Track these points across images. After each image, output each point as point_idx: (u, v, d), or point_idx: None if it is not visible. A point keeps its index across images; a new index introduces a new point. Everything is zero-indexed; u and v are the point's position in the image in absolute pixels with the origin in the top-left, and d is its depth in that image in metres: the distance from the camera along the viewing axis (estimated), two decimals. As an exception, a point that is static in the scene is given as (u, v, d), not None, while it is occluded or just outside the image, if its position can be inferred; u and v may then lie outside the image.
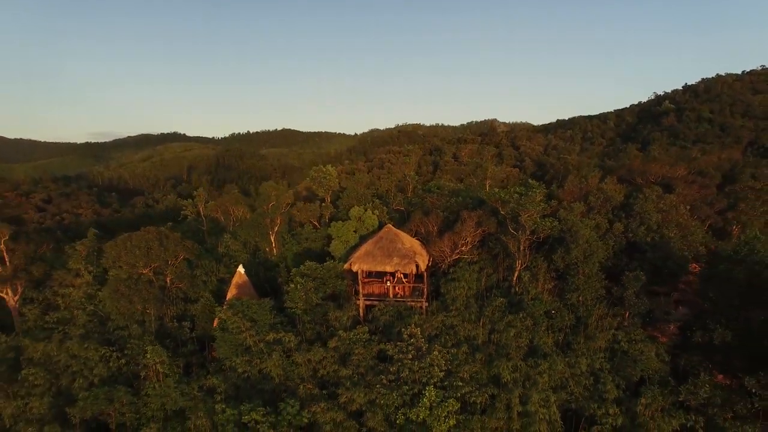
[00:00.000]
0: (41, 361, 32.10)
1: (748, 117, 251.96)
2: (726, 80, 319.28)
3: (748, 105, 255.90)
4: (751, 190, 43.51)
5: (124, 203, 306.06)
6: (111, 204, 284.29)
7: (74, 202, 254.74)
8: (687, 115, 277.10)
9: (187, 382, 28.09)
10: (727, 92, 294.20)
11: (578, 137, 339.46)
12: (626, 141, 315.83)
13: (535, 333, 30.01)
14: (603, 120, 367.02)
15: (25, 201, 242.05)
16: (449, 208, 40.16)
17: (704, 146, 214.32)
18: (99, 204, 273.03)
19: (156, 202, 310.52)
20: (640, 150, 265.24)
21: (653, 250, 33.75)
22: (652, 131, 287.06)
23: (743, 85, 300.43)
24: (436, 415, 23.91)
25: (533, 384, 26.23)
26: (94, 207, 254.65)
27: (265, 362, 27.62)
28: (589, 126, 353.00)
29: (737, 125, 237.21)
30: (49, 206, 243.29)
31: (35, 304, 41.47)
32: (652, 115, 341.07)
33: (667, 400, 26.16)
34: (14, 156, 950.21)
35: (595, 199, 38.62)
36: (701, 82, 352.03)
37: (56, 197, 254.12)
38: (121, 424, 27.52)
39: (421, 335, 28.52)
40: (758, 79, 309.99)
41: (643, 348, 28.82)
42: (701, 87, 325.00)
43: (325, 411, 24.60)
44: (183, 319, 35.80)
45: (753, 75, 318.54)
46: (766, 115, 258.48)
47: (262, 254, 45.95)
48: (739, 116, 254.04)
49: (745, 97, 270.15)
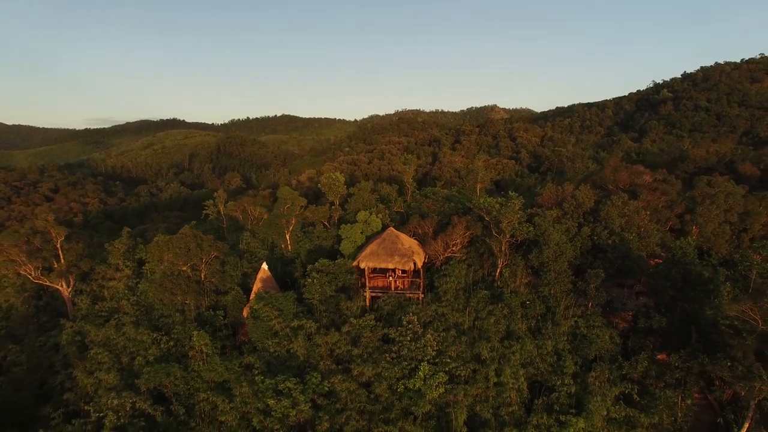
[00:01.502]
0: (103, 343, 38.70)
1: (744, 106, 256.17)
2: (724, 69, 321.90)
3: (745, 94, 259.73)
4: (707, 195, 49.57)
5: (129, 191, 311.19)
6: (116, 193, 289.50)
7: (81, 192, 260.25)
8: (684, 104, 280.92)
9: (229, 359, 34.65)
10: (725, 81, 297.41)
11: (576, 125, 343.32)
12: (624, 129, 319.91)
13: (511, 320, 36.48)
14: (601, 108, 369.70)
15: (33, 191, 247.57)
16: (443, 212, 46.35)
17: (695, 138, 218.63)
18: (105, 193, 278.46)
19: (159, 190, 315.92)
20: (637, 139, 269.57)
21: (613, 251, 40.07)
22: (649, 120, 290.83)
23: (741, 73, 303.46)
24: (429, 385, 30.53)
25: (507, 361, 32.81)
26: (100, 196, 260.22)
27: (291, 344, 34.18)
28: (588, 114, 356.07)
29: (733, 114, 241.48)
30: (57, 196, 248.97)
31: (85, 294, 47.89)
32: (650, 103, 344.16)
33: (613, 373, 32.83)
34: (13, 141, 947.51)
35: (568, 205, 44.72)
36: (700, 71, 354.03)
37: (63, 187, 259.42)
38: (176, 393, 34.17)
39: (418, 322, 35.01)
40: (756, 67, 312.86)
41: (599, 332, 35.32)
42: (699, 75, 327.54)
43: (341, 381, 31.23)
44: (216, 308, 42.21)
45: (752, 64, 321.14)
46: (762, 104, 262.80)
47: (279, 251, 52.12)
48: (736, 105, 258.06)
49: (742, 85, 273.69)
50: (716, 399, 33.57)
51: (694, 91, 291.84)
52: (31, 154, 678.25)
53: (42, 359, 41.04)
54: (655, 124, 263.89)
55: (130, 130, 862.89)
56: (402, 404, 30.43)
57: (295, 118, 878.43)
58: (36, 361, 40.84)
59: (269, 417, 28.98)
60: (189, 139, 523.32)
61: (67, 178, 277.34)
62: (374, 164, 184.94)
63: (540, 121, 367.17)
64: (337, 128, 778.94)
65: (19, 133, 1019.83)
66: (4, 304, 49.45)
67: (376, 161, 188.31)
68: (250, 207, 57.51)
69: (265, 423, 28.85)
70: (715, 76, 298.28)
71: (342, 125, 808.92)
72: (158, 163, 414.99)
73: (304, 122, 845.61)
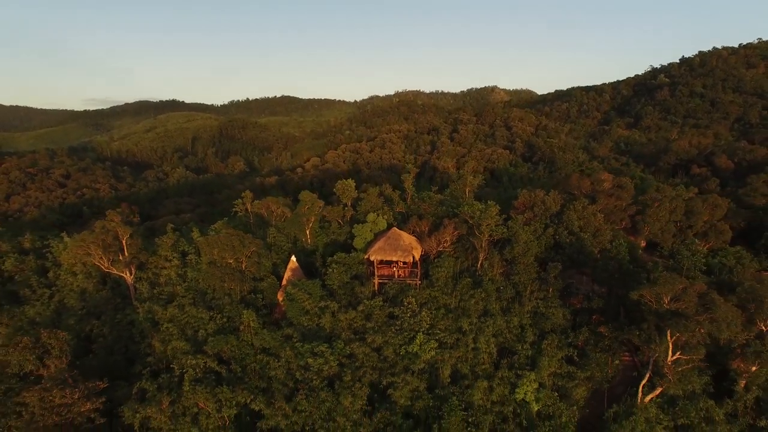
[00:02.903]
0: (169, 319, 49.59)
1: (738, 92, 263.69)
2: (721, 54, 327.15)
3: (740, 80, 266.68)
4: (656, 199, 59.76)
5: (136, 176, 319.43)
6: (125, 178, 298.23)
7: (91, 177, 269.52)
8: (680, 89, 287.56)
9: (272, 331, 45.61)
10: (722, 66, 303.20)
11: (574, 110, 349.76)
12: (620, 114, 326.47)
13: (487, 301, 47.35)
14: (599, 93, 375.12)
15: (46, 177, 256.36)
16: (436, 214, 56.79)
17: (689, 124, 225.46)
18: (114, 179, 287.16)
19: (166, 175, 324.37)
20: (632, 125, 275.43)
21: (570, 247, 50.65)
22: (645, 105, 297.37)
23: (738, 59, 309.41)
24: (423, 349, 41.55)
25: (482, 332, 43.81)
26: (110, 181, 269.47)
27: (320, 319, 45.16)
28: (585, 99, 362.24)
29: (727, 101, 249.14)
30: (69, 181, 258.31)
31: (144, 281, 58.63)
32: (647, 88, 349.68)
33: (562, 341, 43.89)
34: (12, 123, 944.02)
35: (538, 208, 55.05)
36: (698, 56, 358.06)
37: (74, 173, 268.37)
38: (232, 356, 45.22)
39: (415, 302, 45.90)
40: (753, 53, 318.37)
41: (554, 311, 46.21)
42: (697, 61, 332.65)
43: (358, 347, 42.30)
44: (255, 292, 53.02)
45: (749, 48, 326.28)
46: (756, 90, 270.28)
47: (301, 243, 62.64)
48: (731, 91, 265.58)
49: (738, 71, 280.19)
50: (639, 360, 44.79)
51: (691, 77, 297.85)
52: (32, 136, 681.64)
53: (122, 332, 51.81)
54: (651, 110, 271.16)
55: (129, 112, 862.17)
56: (403, 363, 41.56)
57: (295, 99, 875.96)
58: (117, 334, 51.61)
59: (308, 371, 40.12)
60: (191, 122, 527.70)
61: (76, 164, 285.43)
62: (375, 153, 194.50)
63: (538, 105, 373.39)
64: (337, 109, 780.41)
65: (17, 114, 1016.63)
66: (77, 288, 60.15)
67: (377, 149, 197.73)
68: (274, 206, 67.74)
69: (306, 375, 40.01)
70: (712, 62, 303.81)
71: (342, 106, 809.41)
72: (162, 147, 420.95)
73: (304, 103, 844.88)
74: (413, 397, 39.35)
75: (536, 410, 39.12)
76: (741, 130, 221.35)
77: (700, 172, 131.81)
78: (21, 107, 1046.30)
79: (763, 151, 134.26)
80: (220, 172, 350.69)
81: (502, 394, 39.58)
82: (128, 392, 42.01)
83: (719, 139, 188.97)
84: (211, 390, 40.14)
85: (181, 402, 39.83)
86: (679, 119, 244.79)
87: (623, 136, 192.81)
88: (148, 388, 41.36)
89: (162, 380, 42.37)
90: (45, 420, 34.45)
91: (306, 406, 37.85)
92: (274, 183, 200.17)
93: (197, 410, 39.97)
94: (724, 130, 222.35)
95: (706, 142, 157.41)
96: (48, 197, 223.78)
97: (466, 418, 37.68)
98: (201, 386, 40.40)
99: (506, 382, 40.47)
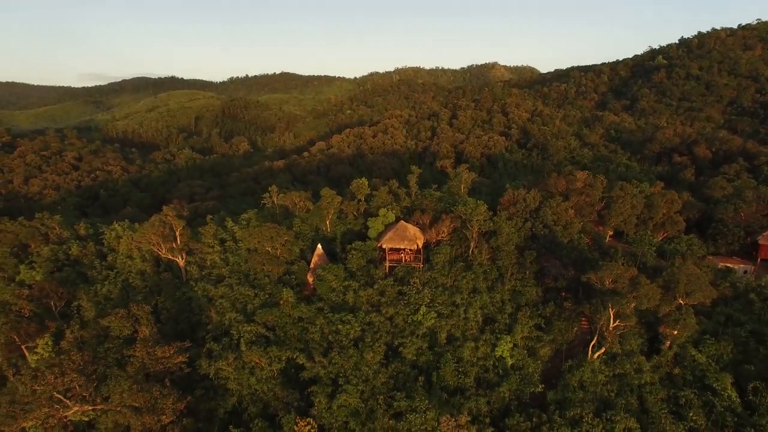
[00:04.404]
0: (221, 296, 61.89)
1: (733, 75, 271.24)
2: (719, 35, 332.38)
3: (736, 62, 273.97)
4: (620, 196, 71.26)
5: (144, 158, 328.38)
6: (134, 160, 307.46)
7: (102, 159, 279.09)
8: (677, 71, 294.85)
9: (308, 305, 57.94)
10: (719, 48, 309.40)
11: (572, 92, 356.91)
12: (617, 96, 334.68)
13: (476, 281, 59.55)
14: (597, 74, 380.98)
15: (60, 159, 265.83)
16: (436, 209, 68.47)
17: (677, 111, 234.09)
18: (125, 160, 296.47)
19: (173, 156, 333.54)
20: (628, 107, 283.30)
21: (544, 238, 62.59)
22: (641, 87, 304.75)
23: (735, 40, 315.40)
24: (425, 318, 54.00)
25: (471, 306, 56.18)
26: (121, 164, 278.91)
27: (344, 296, 57.48)
28: (584, 80, 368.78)
29: (721, 84, 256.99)
30: (81, 164, 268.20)
31: (193, 264, 70.75)
32: (644, 69, 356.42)
33: (533, 312, 56.32)
34: (9, 99, 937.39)
35: (520, 205, 66.70)
36: (696, 37, 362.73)
37: (86, 155, 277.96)
38: (276, 324, 57.69)
39: (419, 282, 58.08)
40: (751, 34, 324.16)
41: (529, 289, 58.49)
42: (695, 42, 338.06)
43: (375, 317, 54.75)
44: (289, 274, 65.19)
45: (747, 30, 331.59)
46: (751, 73, 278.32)
47: (322, 232, 74.45)
48: (726, 74, 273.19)
49: (734, 53, 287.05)
50: (593, 326, 57.37)
51: (688, 59, 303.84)
52: (32, 114, 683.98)
53: (183, 306, 64.11)
54: (647, 93, 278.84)
55: (128, 89, 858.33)
56: (410, 328, 54.11)
57: (295, 75, 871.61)
58: (179, 308, 63.87)
59: (338, 335, 52.71)
60: (193, 101, 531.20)
61: (87, 146, 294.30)
62: (379, 138, 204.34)
63: (537, 86, 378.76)
64: (337, 86, 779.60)
65: (13, 90, 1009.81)
66: (136, 270, 72.21)
67: (380, 135, 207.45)
68: (297, 199, 79.34)
69: (336, 338, 52.61)
70: (710, 43, 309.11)
71: (342, 83, 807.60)
72: (167, 128, 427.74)
73: (303, 80, 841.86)
74: (418, 354, 52.06)
75: (510, 364, 51.82)
76: (734, 113, 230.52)
77: (681, 161, 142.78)
78: (18, 83, 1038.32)
79: (739, 141, 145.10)
80: (225, 152, 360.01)
81: (485, 352, 52.21)
82: (198, 351, 54.71)
83: (712, 122, 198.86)
84: (264, 349, 52.78)
85: (241, 358, 52.51)
86: (674, 102, 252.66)
87: (614, 123, 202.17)
88: (214, 348, 54.10)
89: (224, 342, 55.03)
90: (153, 367, 47.07)
91: (338, 360, 50.56)
92: (282, 167, 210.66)
93: (253, 364, 52.69)
94: (716, 113, 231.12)
95: (690, 131, 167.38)
96: (64, 180, 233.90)
97: (457, 368, 50.40)
98: (255, 347, 53.05)
99: (488, 343, 53.03)
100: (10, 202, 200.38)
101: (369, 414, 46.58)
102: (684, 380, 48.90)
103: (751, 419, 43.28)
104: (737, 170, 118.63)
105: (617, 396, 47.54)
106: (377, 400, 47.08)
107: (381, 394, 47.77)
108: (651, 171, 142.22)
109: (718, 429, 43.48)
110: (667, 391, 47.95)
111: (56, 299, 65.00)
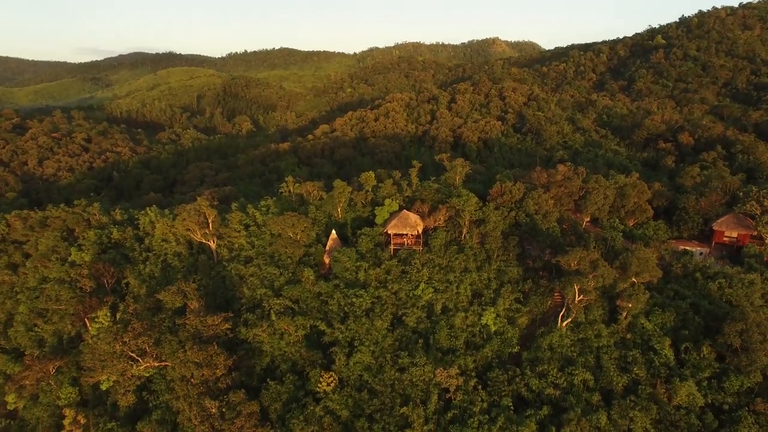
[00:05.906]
0: (251, 275, 72.92)
1: (730, 56, 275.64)
2: (719, 14, 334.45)
3: (734, 43, 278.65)
4: (595, 188, 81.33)
5: (150, 138, 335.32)
6: (141, 141, 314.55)
7: (111, 140, 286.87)
8: (674, 52, 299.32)
9: (324, 282, 68.98)
10: (718, 28, 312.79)
11: (570, 71, 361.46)
12: (615, 76, 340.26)
13: (467, 262, 70.45)
14: (596, 53, 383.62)
15: (70, 141, 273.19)
16: (434, 199, 78.84)
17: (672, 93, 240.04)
18: (132, 141, 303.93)
19: (178, 137, 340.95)
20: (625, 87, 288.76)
21: (526, 225, 73.19)
22: (639, 68, 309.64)
23: (735, 19, 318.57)
24: (424, 293, 65.17)
25: (462, 283, 67.24)
26: (129, 144, 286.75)
27: (357, 274, 68.52)
28: (582, 60, 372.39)
29: (718, 65, 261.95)
30: (91, 145, 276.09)
31: (223, 247, 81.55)
32: (643, 49, 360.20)
33: (514, 288, 67.45)
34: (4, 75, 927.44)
35: (506, 196, 77.01)
36: (696, 15, 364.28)
37: (95, 136, 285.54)
38: (300, 298, 68.82)
39: (419, 263, 68.99)
40: (751, 13, 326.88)
41: (511, 269, 69.38)
42: (695, 21, 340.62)
43: (383, 291, 65.91)
44: (308, 255, 76.02)
45: (747, 9, 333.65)
46: (747, 54, 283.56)
47: (334, 218, 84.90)
48: (723, 54, 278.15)
49: (733, 33, 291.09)
50: (565, 301, 68.63)
51: (686, 39, 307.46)
52: (31, 91, 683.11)
53: (218, 283, 75.23)
54: (644, 73, 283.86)
55: (125, 64, 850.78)
56: (411, 301, 65.36)
57: (294, 51, 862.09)
58: (215, 285, 75.02)
59: (353, 306, 64.01)
60: (194, 79, 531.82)
61: (94, 127, 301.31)
62: (380, 122, 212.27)
63: (536, 66, 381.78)
64: (337, 62, 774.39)
65: (8, 65, 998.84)
66: (170, 252, 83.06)
67: (382, 119, 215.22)
68: (311, 188, 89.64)
69: (351, 309, 63.92)
70: (710, 23, 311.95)
71: (341, 59, 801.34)
72: (170, 107, 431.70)
73: (303, 56, 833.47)
74: (418, 322, 63.49)
75: (493, 330, 63.24)
76: (728, 95, 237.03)
77: (666, 147, 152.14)
78: (12, 58, 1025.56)
79: (720, 129, 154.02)
80: (228, 132, 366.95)
81: (473, 320, 63.59)
82: (236, 321, 66.05)
83: (705, 104, 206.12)
84: (291, 318, 64.12)
85: (272, 326, 63.89)
86: (670, 83, 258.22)
87: (607, 107, 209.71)
88: (249, 318, 65.49)
89: (257, 313, 66.43)
90: (205, 332, 58.53)
91: (353, 326, 62.04)
92: (288, 149, 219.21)
93: (282, 331, 64.12)
94: (710, 95, 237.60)
95: (677, 117, 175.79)
96: (77, 162, 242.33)
97: (449, 333, 61.84)
98: (283, 316, 64.39)
99: (476, 314, 64.30)
100: (28, 183, 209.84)
101: (379, 369, 58.33)
102: (633, 343, 60.36)
103: (679, 371, 55.02)
104: (714, 158, 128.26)
105: (579, 356, 59.13)
106: (385, 358, 58.79)
107: (388, 353, 59.46)
108: (637, 157, 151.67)
109: (654, 379, 55.23)
110: (619, 351, 59.50)
111: (108, 277, 76.16)
